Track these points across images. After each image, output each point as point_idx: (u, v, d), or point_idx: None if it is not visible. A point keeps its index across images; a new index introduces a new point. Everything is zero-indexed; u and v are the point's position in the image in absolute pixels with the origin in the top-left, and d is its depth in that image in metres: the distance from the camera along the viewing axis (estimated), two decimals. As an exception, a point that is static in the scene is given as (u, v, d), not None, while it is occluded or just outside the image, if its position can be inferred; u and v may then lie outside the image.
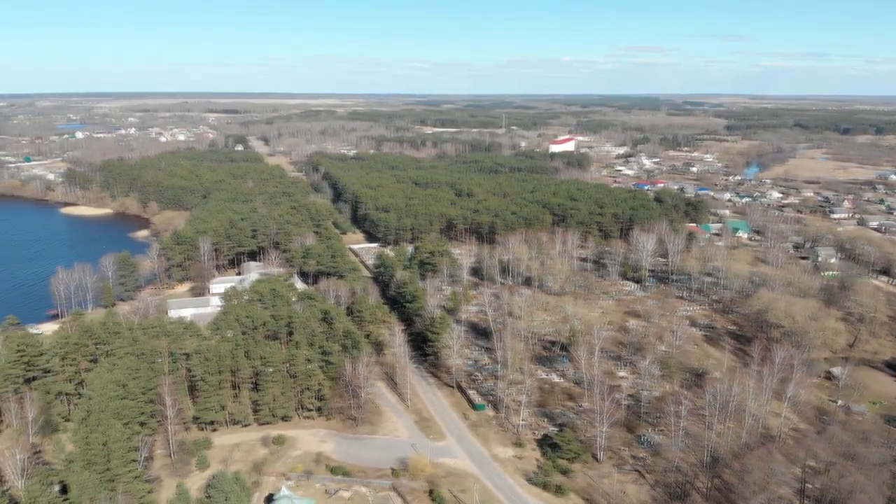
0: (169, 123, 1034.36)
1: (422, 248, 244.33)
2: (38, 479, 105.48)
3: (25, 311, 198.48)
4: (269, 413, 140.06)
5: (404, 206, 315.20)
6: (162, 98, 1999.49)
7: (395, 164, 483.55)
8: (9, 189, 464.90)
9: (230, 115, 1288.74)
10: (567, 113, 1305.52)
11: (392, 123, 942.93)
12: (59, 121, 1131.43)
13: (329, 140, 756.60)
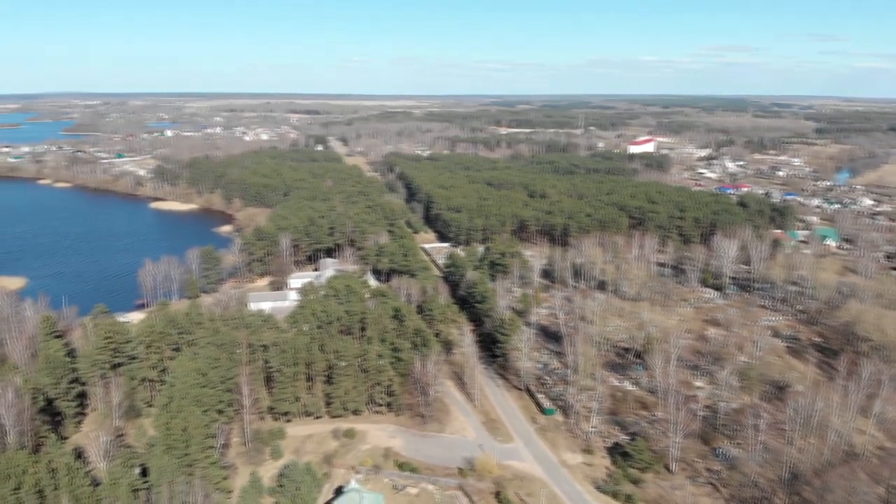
0: (253, 123, 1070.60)
1: (493, 249, 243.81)
2: (120, 461, 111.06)
3: (115, 301, 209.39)
4: (341, 406, 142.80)
5: (476, 207, 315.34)
6: (247, 99, 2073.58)
7: (468, 165, 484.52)
8: (102, 184, 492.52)
9: (311, 115, 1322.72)
10: (647, 113, 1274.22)
11: (467, 124, 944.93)
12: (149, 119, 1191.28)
13: (405, 141, 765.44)
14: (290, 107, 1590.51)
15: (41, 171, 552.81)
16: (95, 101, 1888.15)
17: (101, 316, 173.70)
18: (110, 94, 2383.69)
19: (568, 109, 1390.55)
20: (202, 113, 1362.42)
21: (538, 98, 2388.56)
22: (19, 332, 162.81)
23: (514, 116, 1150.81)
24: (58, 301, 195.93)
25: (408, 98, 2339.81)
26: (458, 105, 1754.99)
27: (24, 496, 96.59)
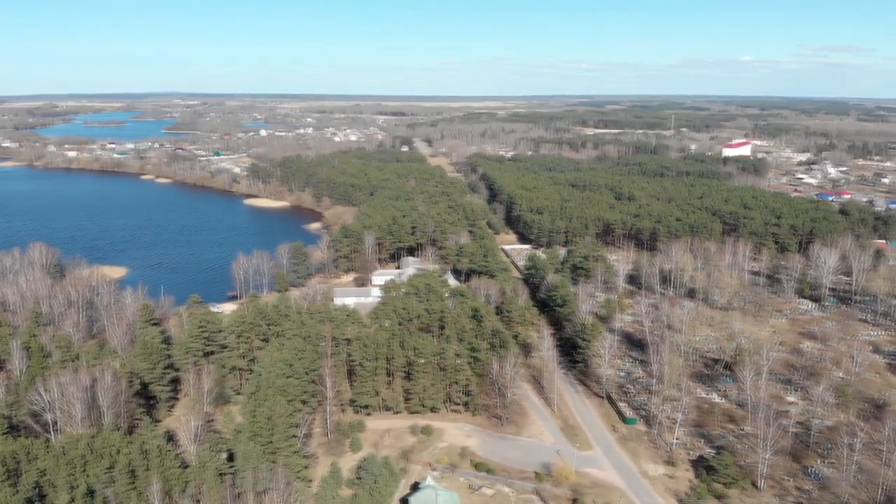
0: (343, 124, 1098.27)
1: (575, 252, 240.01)
2: (208, 445, 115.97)
3: (209, 292, 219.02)
4: (419, 403, 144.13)
5: (559, 209, 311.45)
6: (337, 100, 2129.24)
7: (551, 166, 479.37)
8: (200, 180, 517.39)
9: (398, 117, 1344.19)
10: (743, 115, 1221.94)
11: (552, 125, 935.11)
12: (245, 119, 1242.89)
13: (488, 142, 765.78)
14: (378, 108, 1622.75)
15: (144, 167, 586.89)
16: (195, 102, 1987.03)
17: (196, 306, 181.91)
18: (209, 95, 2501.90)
19: (659, 110, 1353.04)
20: (294, 114, 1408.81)
21: (628, 98, 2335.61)
22: (119, 319, 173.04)
23: (602, 117, 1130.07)
24: (156, 290, 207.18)
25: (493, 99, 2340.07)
26: (543, 106, 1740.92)
27: (117, 475, 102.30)
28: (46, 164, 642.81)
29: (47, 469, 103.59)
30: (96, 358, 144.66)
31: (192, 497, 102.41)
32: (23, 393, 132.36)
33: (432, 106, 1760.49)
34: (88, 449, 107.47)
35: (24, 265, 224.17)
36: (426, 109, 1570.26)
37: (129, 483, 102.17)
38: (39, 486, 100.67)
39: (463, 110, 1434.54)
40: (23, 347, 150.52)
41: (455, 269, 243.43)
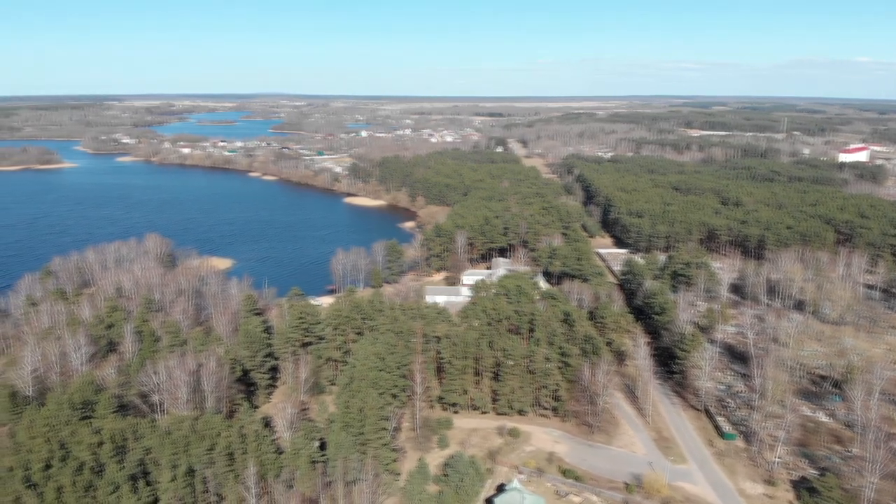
0: (440, 125, 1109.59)
1: (676, 258, 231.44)
2: (303, 433, 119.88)
3: (309, 285, 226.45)
4: (507, 404, 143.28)
5: (660, 212, 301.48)
6: (436, 102, 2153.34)
7: (653, 168, 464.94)
8: (303, 178, 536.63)
9: (494, 118, 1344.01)
10: (861, 119, 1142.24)
11: (654, 126, 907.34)
12: (347, 120, 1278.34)
13: (586, 142, 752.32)
14: (474, 109, 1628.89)
15: (252, 165, 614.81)
16: (301, 103, 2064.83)
17: (296, 298, 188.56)
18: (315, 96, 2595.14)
19: (769, 112, 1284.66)
20: (394, 115, 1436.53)
21: (735, 99, 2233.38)
22: (224, 308, 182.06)
23: (708, 118, 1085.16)
24: (259, 282, 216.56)
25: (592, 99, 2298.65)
26: (645, 106, 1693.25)
27: (216, 456, 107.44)
28: (162, 159, 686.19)
29: (152, 448, 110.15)
30: (202, 344, 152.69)
31: (285, 482, 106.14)
32: (133, 374, 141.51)
33: (529, 106, 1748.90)
34: (191, 430, 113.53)
35: (140, 254, 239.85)
36: (523, 110, 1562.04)
37: (227, 465, 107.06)
38: (144, 463, 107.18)
39: (561, 111, 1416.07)
40: (135, 331, 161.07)
41: (547, 272, 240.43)
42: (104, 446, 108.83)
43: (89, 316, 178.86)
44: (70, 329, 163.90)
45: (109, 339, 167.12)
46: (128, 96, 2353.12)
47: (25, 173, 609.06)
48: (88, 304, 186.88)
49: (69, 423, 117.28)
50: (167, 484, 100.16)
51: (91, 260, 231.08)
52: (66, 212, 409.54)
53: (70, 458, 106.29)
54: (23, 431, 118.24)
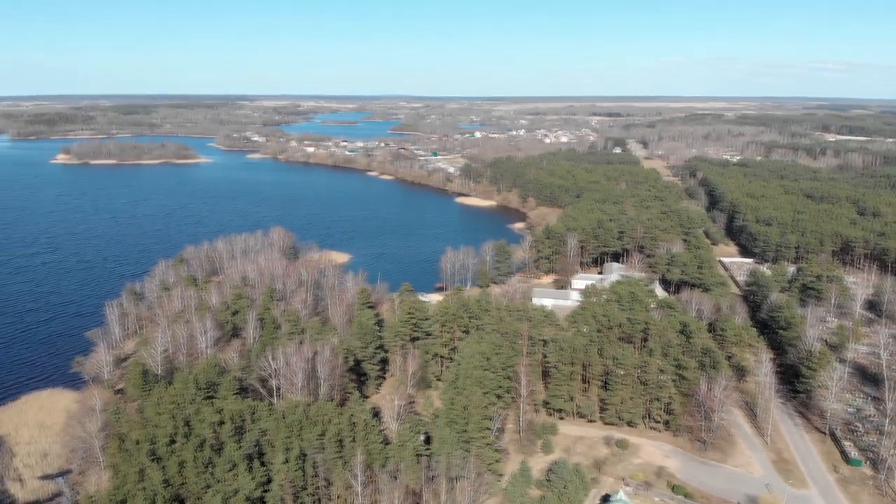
0: (554, 126, 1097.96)
1: (806, 270, 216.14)
2: (409, 426, 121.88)
3: (419, 281, 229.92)
4: (616, 415, 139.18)
5: (790, 221, 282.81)
6: (551, 102, 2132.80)
7: (784, 173, 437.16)
8: (417, 178, 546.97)
9: (612, 118, 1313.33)
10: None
11: (786, 129, 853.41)
12: (462, 121, 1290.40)
13: (711, 145, 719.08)
14: (592, 109, 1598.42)
15: (370, 164, 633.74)
16: (418, 104, 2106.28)
17: (407, 294, 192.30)
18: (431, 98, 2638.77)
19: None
20: (508, 116, 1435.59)
21: (877, 103, 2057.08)
22: (340, 300, 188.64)
23: (846, 122, 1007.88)
24: (374, 277, 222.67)
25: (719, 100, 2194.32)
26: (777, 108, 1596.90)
27: (326, 442, 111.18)
28: (288, 157, 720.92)
29: (268, 430, 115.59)
30: (318, 333, 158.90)
31: (390, 473, 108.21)
32: (254, 359, 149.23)
33: (651, 106, 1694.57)
34: (304, 415, 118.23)
35: (265, 246, 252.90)
36: (644, 110, 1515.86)
37: (337, 451, 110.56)
38: (259, 444, 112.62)
39: (685, 111, 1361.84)
40: (257, 318, 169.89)
41: (664, 280, 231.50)
42: (224, 426, 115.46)
43: (216, 302, 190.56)
44: (198, 313, 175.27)
45: (234, 324, 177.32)
46: (258, 96, 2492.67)
47: (165, 167, 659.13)
48: (216, 291, 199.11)
49: (193, 402, 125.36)
50: (280, 466, 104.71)
51: (220, 249, 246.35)
52: (201, 204, 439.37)
53: (193, 435, 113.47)
54: (151, 407, 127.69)
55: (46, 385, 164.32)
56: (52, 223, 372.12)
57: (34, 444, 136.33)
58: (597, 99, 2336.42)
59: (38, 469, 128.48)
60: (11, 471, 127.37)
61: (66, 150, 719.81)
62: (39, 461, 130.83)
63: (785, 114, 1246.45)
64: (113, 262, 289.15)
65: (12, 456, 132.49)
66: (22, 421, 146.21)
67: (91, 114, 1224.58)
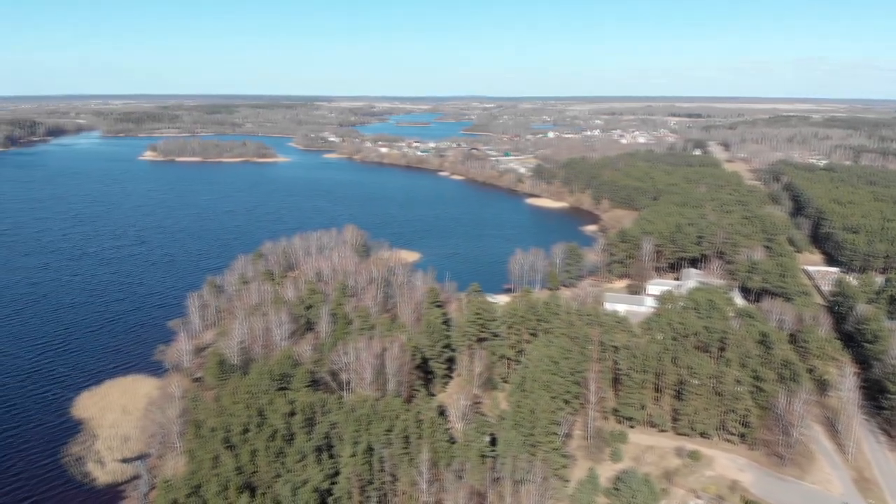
0: (631, 126, 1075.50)
1: (895, 281, 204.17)
2: (475, 426, 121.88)
3: (488, 282, 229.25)
4: (689, 425, 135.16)
5: (879, 229, 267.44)
6: (628, 102, 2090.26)
7: (874, 179, 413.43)
8: (488, 178, 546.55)
9: (692, 119, 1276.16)
10: None
11: (876, 133, 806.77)
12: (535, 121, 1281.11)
13: (797, 148, 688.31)
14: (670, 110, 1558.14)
15: (442, 164, 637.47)
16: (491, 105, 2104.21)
17: (475, 294, 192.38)
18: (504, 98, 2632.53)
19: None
20: (583, 116, 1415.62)
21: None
22: (409, 298, 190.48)
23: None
24: (442, 276, 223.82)
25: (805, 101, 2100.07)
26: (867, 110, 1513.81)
27: (393, 438, 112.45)
28: (363, 157, 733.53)
29: (338, 423, 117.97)
30: (388, 330, 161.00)
31: (455, 472, 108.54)
32: (326, 353, 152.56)
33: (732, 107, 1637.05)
34: (373, 410, 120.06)
35: (339, 243, 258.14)
36: (725, 111, 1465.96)
37: (403, 448, 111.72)
38: (329, 437, 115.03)
39: (768, 113, 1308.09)
40: (330, 314, 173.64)
41: (744, 287, 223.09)
42: (295, 417, 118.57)
43: (292, 296, 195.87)
44: (274, 307, 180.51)
45: (307, 318, 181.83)
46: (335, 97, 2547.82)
47: (245, 165, 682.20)
48: (292, 286, 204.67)
49: (267, 393, 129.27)
50: (348, 459, 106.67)
51: (296, 246, 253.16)
52: (279, 202, 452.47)
53: (265, 424, 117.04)
54: (227, 396, 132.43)
55: (130, 371, 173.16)
56: (140, 217, 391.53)
57: (116, 428, 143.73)
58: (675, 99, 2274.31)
59: (119, 452, 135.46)
60: (94, 453, 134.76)
61: (152, 148, 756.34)
62: (120, 444, 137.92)
63: (875, 117, 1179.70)
64: (196, 255, 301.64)
65: (95, 438, 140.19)
66: (106, 405, 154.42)
67: (177, 113, 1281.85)
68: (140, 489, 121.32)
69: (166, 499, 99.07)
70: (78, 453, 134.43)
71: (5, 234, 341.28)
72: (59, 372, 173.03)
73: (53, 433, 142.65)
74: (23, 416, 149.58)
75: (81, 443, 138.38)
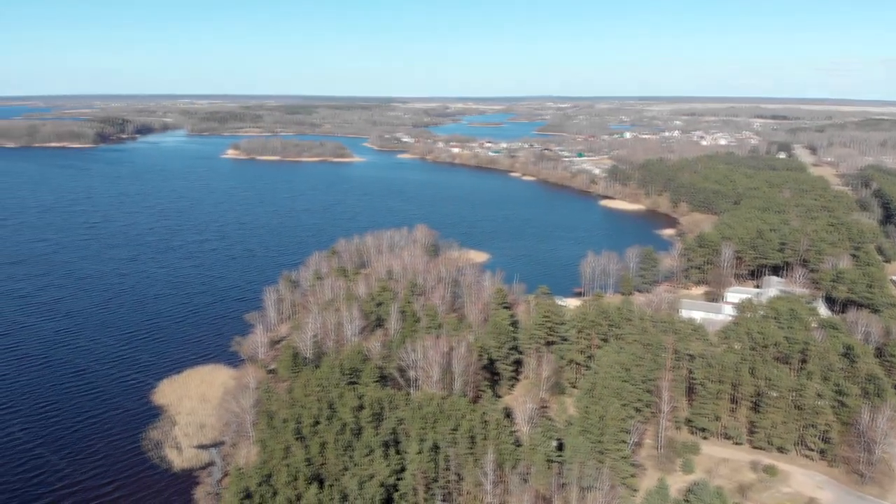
0: (712, 127, 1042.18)
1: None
2: (541, 430, 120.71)
3: (557, 285, 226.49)
4: (765, 439, 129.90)
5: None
6: (710, 102, 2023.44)
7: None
8: (560, 179, 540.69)
9: (777, 121, 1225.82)
10: None
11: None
12: (611, 121, 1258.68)
13: (889, 153, 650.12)
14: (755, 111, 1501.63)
15: (513, 165, 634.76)
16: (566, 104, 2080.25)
17: (543, 296, 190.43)
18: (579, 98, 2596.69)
19: None
20: (662, 116, 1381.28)
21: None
22: (477, 298, 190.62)
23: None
24: (510, 277, 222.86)
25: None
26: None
27: (459, 437, 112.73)
28: (434, 157, 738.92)
29: (404, 419, 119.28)
30: (455, 329, 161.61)
31: (520, 475, 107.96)
32: (394, 350, 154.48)
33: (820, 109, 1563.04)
34: (439, 408, 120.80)
35: (409, 242, 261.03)
36: (812, 113, 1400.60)
37: (469, 448, 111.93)
38: (396, 433, 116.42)
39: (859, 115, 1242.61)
40: (399, 311, 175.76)
41: (828, 297, 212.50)
42: (364, 411, 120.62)
43: (363, 293, 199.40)
44: (346, 303, 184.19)
45: (378, 315, 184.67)
46: (410, 98, 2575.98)
47: (322, 164, 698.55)
48: (363, 283, 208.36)
49: (338, 386, 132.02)
50: (414, 455, 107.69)
51: (369, 244, 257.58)
52: (354, 201, 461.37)
53: (335, 417, 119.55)
54: (299, 388, 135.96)
55: (208, 361, 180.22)
56: (222, 213, 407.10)
57: (193, 415, 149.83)
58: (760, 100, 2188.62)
59: (195, 438, 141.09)
60: (171, 438, 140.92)
61: (235, 146, 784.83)
62: (197, 431, 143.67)
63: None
64: (274, 251, 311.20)
65: (173, 425, 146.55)
66: (185, 393, 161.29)
67: (259, 113, 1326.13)
68: (213, 476, 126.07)
69: (238, 486, 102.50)
70: (157, 438, 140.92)
71: (96, 226, 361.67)
72: (143, 360, 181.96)
73: (135, 418, 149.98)
74: (108, 402, 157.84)
75: (160, 428, 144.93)
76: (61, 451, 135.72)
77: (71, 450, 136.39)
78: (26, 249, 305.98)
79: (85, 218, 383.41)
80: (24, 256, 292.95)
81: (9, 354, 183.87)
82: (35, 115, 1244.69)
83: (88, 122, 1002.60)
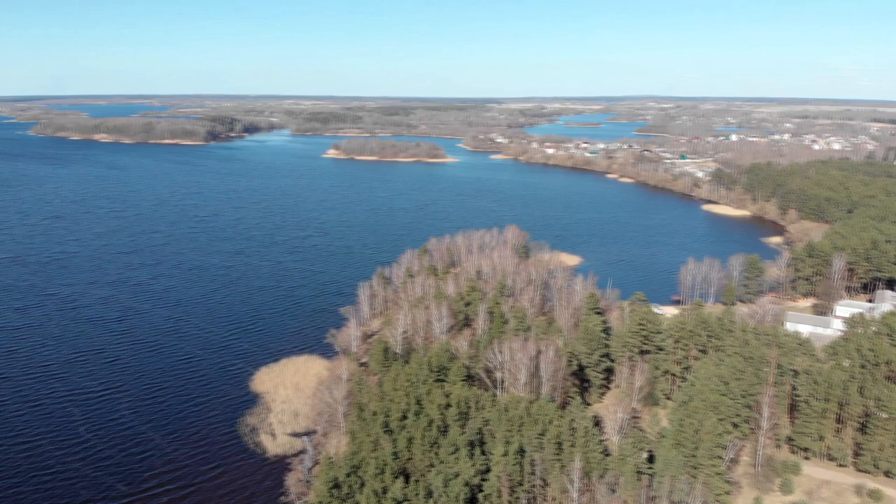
0: (826, 131, 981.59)
1: None
2: (631, 441, 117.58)
3: (653, 292, 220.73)
4: (872, 462, 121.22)
5: None
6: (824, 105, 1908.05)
7: None
8: (660, 182, 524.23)
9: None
10: None
11: None
12: (717, 123, 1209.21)
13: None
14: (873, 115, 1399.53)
15: (610, 167, 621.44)
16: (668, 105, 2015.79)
17: (638, 303, 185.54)
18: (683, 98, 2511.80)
19: None
20: (771, 119, 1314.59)
21: None
22: (567, 302, 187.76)
23: None
24: (604, 282, 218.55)
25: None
26: None
27: (545, 443, 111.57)
28: (528, 158, 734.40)
29: (490, 420, 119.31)
30: (544, 333, 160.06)
31: (608, 485, 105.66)
32: (481, 350, 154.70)
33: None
34: (526, 412, 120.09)
35: (500, 243, 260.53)
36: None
37: (555, 453, 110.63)
38: (481, 433, 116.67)
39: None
40: (487, 311, 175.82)
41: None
42: (450, 409, 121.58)
43: (452, 292, 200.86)
44: (436, 301, 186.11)
45: (466, 314, 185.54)
46: (506, 99, 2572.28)
47: (417, 165, 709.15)
48: (453, 282, 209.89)
49: (426, 383, 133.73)
50: (499, 458, 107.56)
51: (459, 244, 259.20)
52: (448, 201, 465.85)
53: (422, 413, 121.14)
54: (388, 383, 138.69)
55: (304, 352, 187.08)
56: (323, 211, 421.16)
57: (288, 404, 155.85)
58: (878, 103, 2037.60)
59: (289, 426, 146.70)
60: (267, 425, 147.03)
61: (335, 146, 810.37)
62: (291, 419, 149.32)
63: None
64: (371, 248, 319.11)
65: (269, 412, 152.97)
66: (281, 381, 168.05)
67: (359, 114, 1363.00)
68: (304, 464, 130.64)
69: (328, 476, 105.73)
70: (253, 424, 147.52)
71: (206, 220, 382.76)
72: (245, 349, 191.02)
73: (235, 404, 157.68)
74: (211, 388, 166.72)
75: (257, 415, 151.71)
76: (168, 434, 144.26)
77: (177, 433, 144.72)
78: (141, 240, 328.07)
79: (195, 212, 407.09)
80: (139, 246, 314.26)
81: (124, 338, 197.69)
82: (151, 114, 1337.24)
83: (200, 120, 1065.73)
